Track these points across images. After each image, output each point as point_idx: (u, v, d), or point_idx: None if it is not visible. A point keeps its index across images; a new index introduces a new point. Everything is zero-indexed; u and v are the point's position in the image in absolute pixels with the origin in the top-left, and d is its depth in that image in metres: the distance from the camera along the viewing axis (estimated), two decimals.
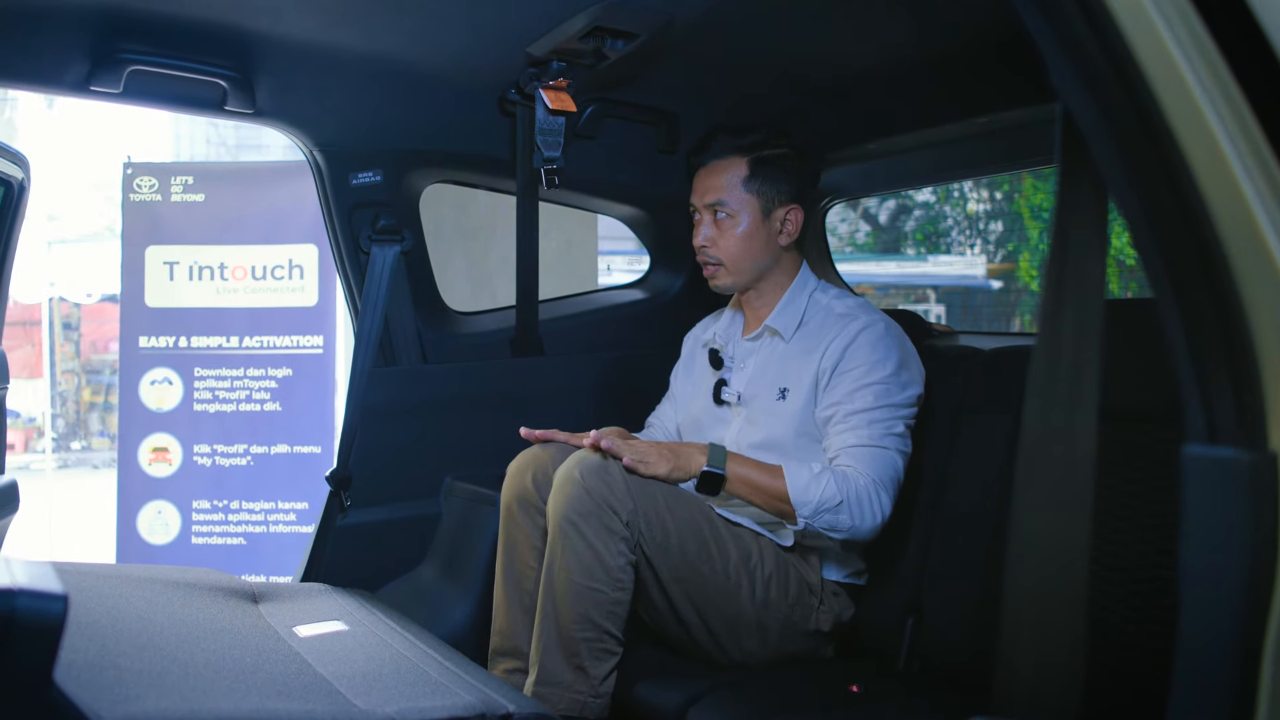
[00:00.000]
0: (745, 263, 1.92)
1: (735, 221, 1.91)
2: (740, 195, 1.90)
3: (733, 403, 1.93)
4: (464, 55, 1.95)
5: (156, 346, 3.59)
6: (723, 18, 1.76)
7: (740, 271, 1.93)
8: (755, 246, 1.92)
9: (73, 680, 0.96)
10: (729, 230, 1.91)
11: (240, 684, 1.26)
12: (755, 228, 1.91)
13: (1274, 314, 0.71)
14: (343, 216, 2.11)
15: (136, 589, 1.63)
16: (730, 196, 1.90)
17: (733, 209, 1.90)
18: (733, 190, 1.90)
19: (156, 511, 3.56)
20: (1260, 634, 0.70)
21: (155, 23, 1.74)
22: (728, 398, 1.94)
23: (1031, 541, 0.78)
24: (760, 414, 1.88)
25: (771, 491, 1.72)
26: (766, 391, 1.88)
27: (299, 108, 2.01)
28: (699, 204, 1.95)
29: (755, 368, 1.93)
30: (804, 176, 1.94)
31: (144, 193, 3.58)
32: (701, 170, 1.95)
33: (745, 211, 1.90)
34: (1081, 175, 0.80)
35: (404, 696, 1.30)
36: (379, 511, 2.18)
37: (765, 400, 1.88)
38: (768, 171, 1.90)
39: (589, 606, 1.61)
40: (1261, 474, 0.70)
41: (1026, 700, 0.77)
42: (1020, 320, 13.01)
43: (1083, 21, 0.75)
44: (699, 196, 1.95)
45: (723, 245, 1.92)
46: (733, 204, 1.90)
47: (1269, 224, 0.72)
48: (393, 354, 2.19)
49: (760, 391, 1.89)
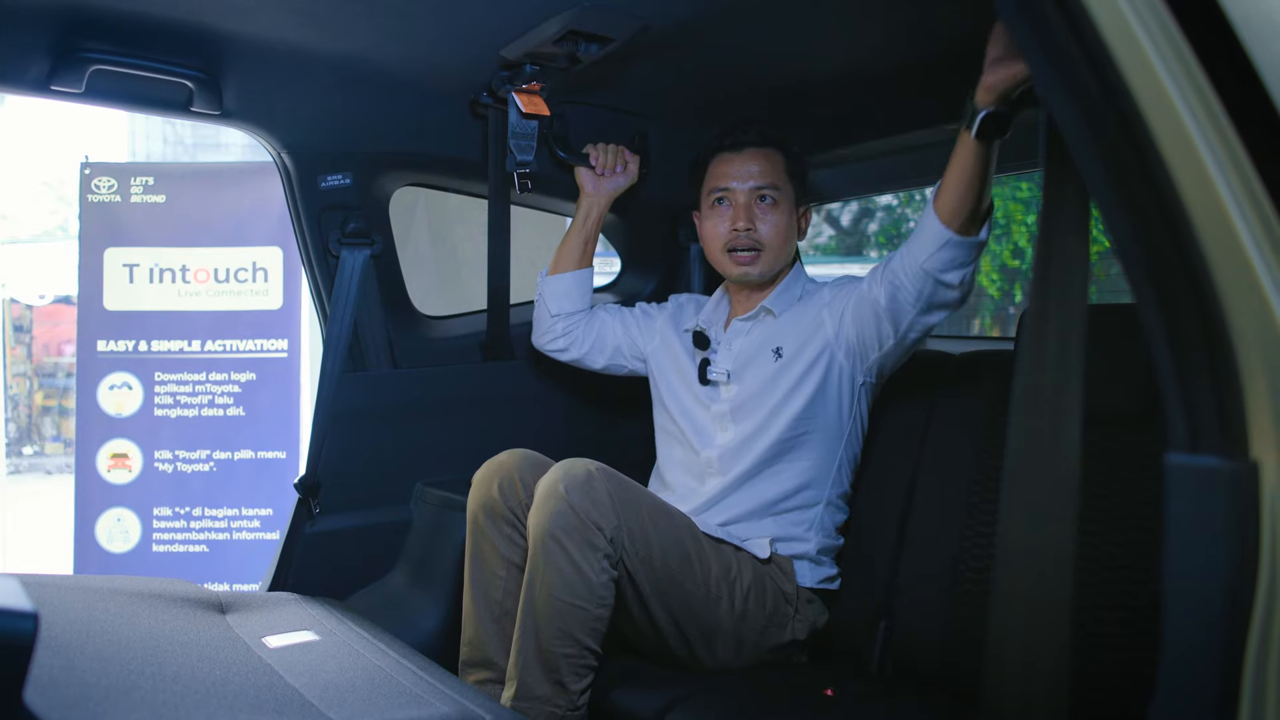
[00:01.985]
0: (785, 251, 1.95)
1: (781, 209, 1.92)
2: (786, 182, 1.94)
3: (722, 381, 1.93)
4: (435, 57, 1.93)
5: (115, 350, 3.52)
6: (697, 23, 1.75)
7: (779, 259, 1.94)
8: (791, 236, 1.95)
9: (40, 698, 0.93)
10: (775, 216, 1.92)
11: (210, 698, 1.23)
12: (792, 218, 1.95)
13: (1254, 322, 0.72)
14: (311, 219, 2.08)
15: (100, 601, 1.59)
16: (780, 180, 1.93)
17: (780, 195, 1.92)
18: (780, 175, 1.93)
19: (116, 519, 3.49)
20: (1242, 640, 0.71)
21: (118, 21, 1.70)
22: (715, 377, 1.94)
23: (1018, 547, 0.78)
24: (754, 376, 1.89)
25: (989, 195, 1.59)
26: (761, 356, 1.89)
27: (267, 109, 1.97)
28: (739, 188, 1.92)
29: (746, 343, 1.93)
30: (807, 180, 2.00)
31: (102, 193, 3.51)
32: (737, 156, 1.94)
33: (788, 200, 1.94)
34: (1065, 182, 0.81)
35: (378, 708, 1.28)
36: (348, 518, 2.15)
37: (760, 362, 1.89)
38: (796, 168, 1.95)
39: (571, 623, 1.60)
40: (1243, 482, 0.71)
41: (1014, 705, 0.77)
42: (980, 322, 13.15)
43: (1065, 30, 0.76)
44: (740, 180, 1.93)
45: (766, 230, 1.91)
46: (781, 189, 1.93)
47: (1247, 232, 0.73)
48: (362, 358, 2.16)
49: (754, 358, 1.90)
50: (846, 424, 1.86)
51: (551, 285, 2.15)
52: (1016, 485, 0.81)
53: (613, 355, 2.15)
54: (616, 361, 2.15)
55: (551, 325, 2.15)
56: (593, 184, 2.18)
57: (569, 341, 2.15)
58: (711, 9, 1.70)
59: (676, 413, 1.99)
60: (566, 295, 2.14)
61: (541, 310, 2.18)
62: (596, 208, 2.18)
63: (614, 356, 2.15)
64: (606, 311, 2.17)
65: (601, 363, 2.16)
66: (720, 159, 1.96)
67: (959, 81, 1.96)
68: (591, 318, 2.15)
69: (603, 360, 2.16)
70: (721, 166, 1.95)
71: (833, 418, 1.85)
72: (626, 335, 2.13)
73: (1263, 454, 0.70)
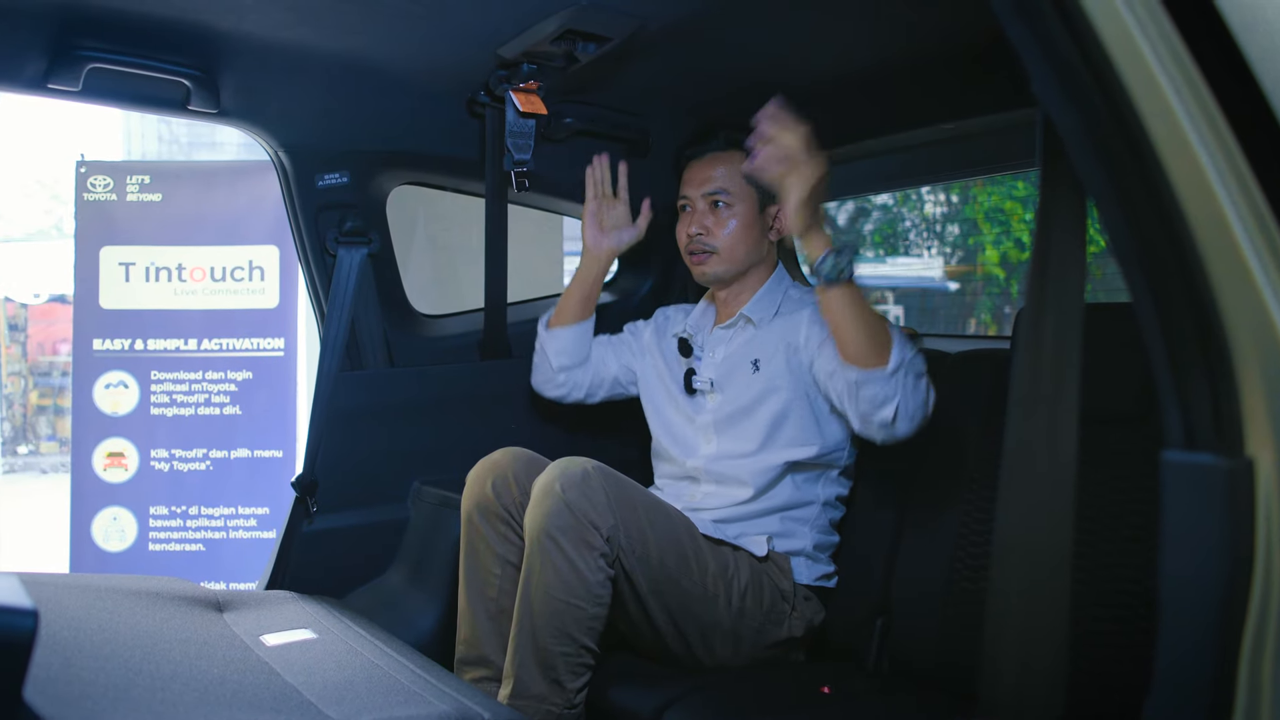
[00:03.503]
0: (738, 253, 1.95)
1: (734, 211, 1.94)
2: (741, 185, 1.94)
3: (706, 390, 1.95)
4: (433, 56, 1.93)
5: (111, 349, 3.51)
6: (694, 23, 1.76)
7: (733, 261, 1.95)
8: (749, 239, 1.95)
9: (38, 695, 0.93)
10: (727, 219, 1.94)
11: (209, 696, 1.24)
12: (751, 220, 1.95)
13: (1250, 320, 0.72)
14: (309, 218, 2.08)
15: (97, 599, 1.59)
16: (732, 185, 1.94)
17: (733, 198, 1.94)
18: (733, 179, 1.94)
19: (112, 518, 3.49)
20: (1238, 637, 0.71)
21: (116, 19, 1.70)
22: (700, 386, 1.96)
23: (1016, 544, 0.79)
24: (733, 387, 1.90)
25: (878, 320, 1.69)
26: (740, 367, 1.91)
27: (264, 107, 1.97)
28: (695, 194, 1.97)
29: (727, 352, 1.95)
30: None
31: (98, 192, 3.51)
32: (698, 162, 1.99)
33: (744, 202, 1.94)
34: (1062, 182, 0.82)
35: (378, 706, 1.28)
36: (346, 517, 2.15)
37: (739, 375, 1.90)
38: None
39: (567, 622, 1.60)
40: (1239, 479, 0.71)
41: (1010, 703, 0.77)
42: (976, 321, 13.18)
43: (1063, 31, 0.76)
44: (696, 187, 1.97)
45: (719, 234, 1.94)
46: (734, 193, 1.94)
47: (1243, 230, 0.73)
48: (359, 357, 2.16)
49: (734, 368, 1.92)
50: (838, 435, 1.86)
51: (553, 340, 2.14)
52: (1014, 483, 0.81)
53: (611, 387, 2.16)
54: (616, 391, 2.17)
55: (553, 376, 2.16)
56: (594, 238, 2.14)
57: (569, 390, 2.16)
58: (708, 9, 1.70)
59: (659, 429, 2.03)
60: (566, 351, 2.13)
61: (543, 361, 2.17)
62: (597, 265, 2.14)
63: (613, 388, 2.16)
64: (598, 349, 2.16)
65: (601, 396, 2.18)
66: (688, 166, 2.01)
67: (956, 81, 1.97)
68: (588, 362, 2.16)
69: (602, 394, 2.17)
70: (686, 174, 2.01)
71: (825, 431, 1.85)
72: (619, 363, 2.15)
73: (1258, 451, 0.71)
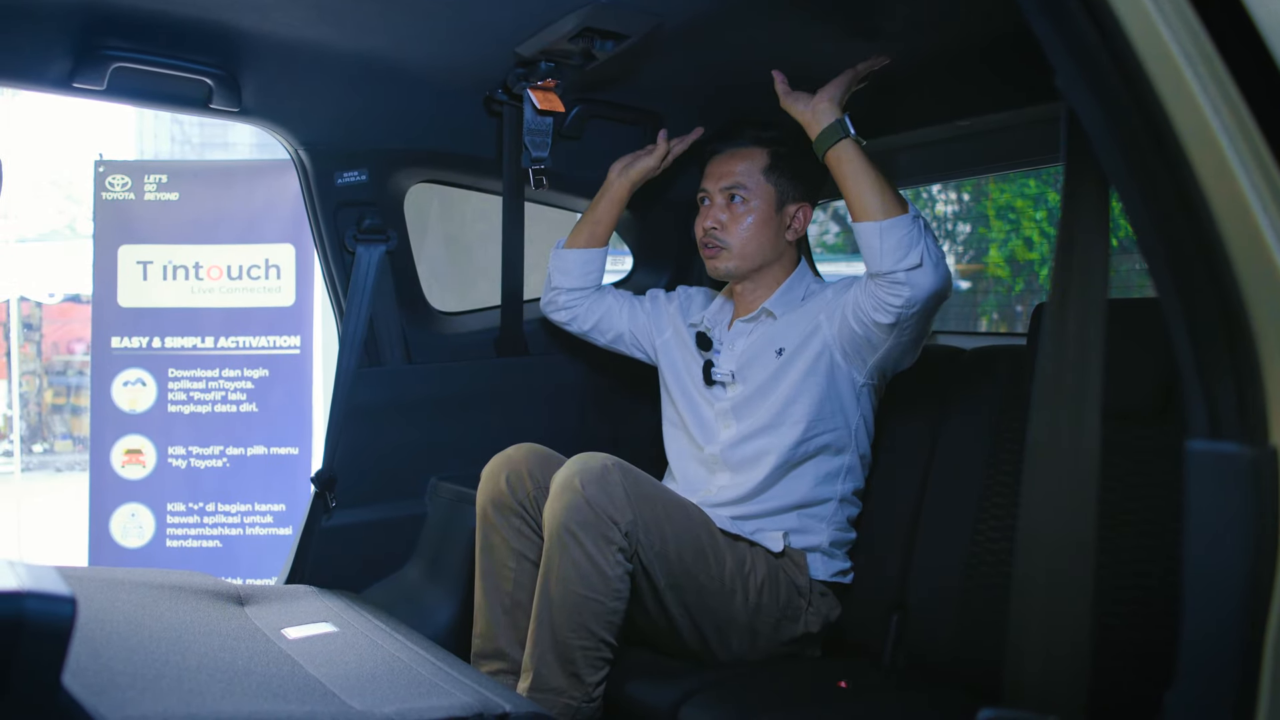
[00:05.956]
0: (752, 249, 1.96)
1: (750, 207, 1.95)
2: (760, 182, 1.95)
3: (727, 382, 1.95)
4: (452, 54, 1.94)
5: (129, 347, 3.54)
6: (710, 20, 1.76)
7: (745, 258, 1.96)
8: (765, 236, 1.96)
9: (73, 683, 0.95)
10: (742, 216, 1.95)
11: (235, 686, 1.25)
12: (768, 217, 1.95)
13: (1273, 310, 0.73)
14: (328, 216, 2.10)
15: (122, 592, 1.61)
16: (750, 181, 1.95)
17: (750, 194, 1.94)
18: (752, 176, 1.95)
19: (130, 514, 3.52)
20: (1262, 627, 0.72)
21: (140, 19, 1.72)
22: (720, 378, 1.96)
23: (1039, 536, 0.79)
24: (757, 375, 1.90)
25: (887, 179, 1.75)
26: (764, 355, 1.91)
27: (285, 106, 1.99)
28: (713, 189, 1.98)
29: (748, 344, 1.95)
30: (816, 177, 1.97)
31: (116, 191, 3.54)
32: (719, 157, 2.00)
33: (761, 199, 1.95)
34: (1086, 176, 0.82)
35: (399, 697, 1.30)
36: (364, 512, 2.17)
37: (763, 362, 1.91)
38: (786, 166, 1.96)
39: (586, 616, 1.61)
40: (1263, 468, 0.72)
41: (1035, 693, 0.78)
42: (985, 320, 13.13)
43: (1089, 26, 0.77)
44: (715, 181, 1.98)
45: (733, 230, 1.95)
46: (751, 189, 1.94)
47: (1267, 222, 0.73)
48: (377, 354, 2.18)
49: (757, 356, 1.92)
50: (854, 423, 1.87)
51: (559, 259, 2.19)
52: (1037, 476, 0.82)
53: (614, 340, 2.19)
54: (617, 347, 2.20)
55: (554, 296, 2.20)
56: (616, 171, 2.16)
57: (571, 316, 2.19)
58: (726, 6, 1.71)
59: (682, 406, 2.02)
60: (568, 272, 2.17)
61: (548, 280, 2.23)
62: (609, 191, 2.16)
63: (615, 341, 2.19)
64: (616, 298, 2.18)
65: (603, 342, 2.21)
66: (710, 161, 2.03)
67: (970, 78, 1.97)
68: (598, 299, 2.18)
69: (604, 340, 2.20)
70: (708, 168, 2.03)
71: (840, 418, 1.86)
72: (633, 324, 2.16)
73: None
